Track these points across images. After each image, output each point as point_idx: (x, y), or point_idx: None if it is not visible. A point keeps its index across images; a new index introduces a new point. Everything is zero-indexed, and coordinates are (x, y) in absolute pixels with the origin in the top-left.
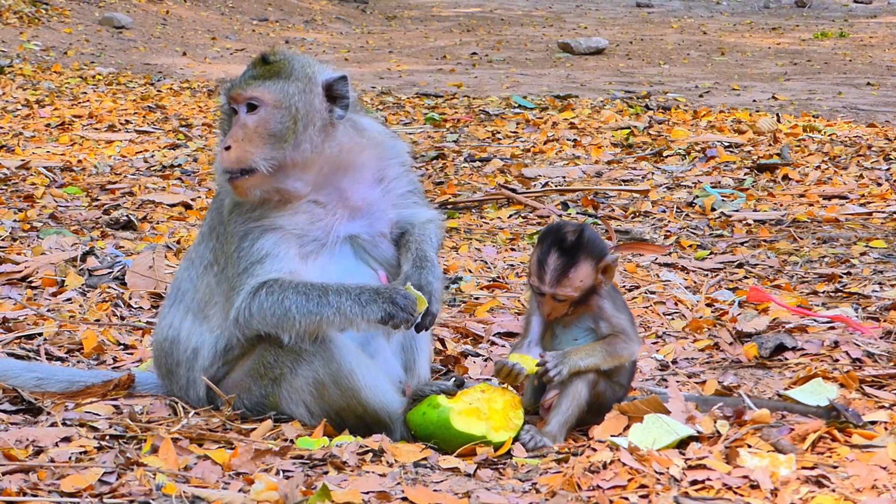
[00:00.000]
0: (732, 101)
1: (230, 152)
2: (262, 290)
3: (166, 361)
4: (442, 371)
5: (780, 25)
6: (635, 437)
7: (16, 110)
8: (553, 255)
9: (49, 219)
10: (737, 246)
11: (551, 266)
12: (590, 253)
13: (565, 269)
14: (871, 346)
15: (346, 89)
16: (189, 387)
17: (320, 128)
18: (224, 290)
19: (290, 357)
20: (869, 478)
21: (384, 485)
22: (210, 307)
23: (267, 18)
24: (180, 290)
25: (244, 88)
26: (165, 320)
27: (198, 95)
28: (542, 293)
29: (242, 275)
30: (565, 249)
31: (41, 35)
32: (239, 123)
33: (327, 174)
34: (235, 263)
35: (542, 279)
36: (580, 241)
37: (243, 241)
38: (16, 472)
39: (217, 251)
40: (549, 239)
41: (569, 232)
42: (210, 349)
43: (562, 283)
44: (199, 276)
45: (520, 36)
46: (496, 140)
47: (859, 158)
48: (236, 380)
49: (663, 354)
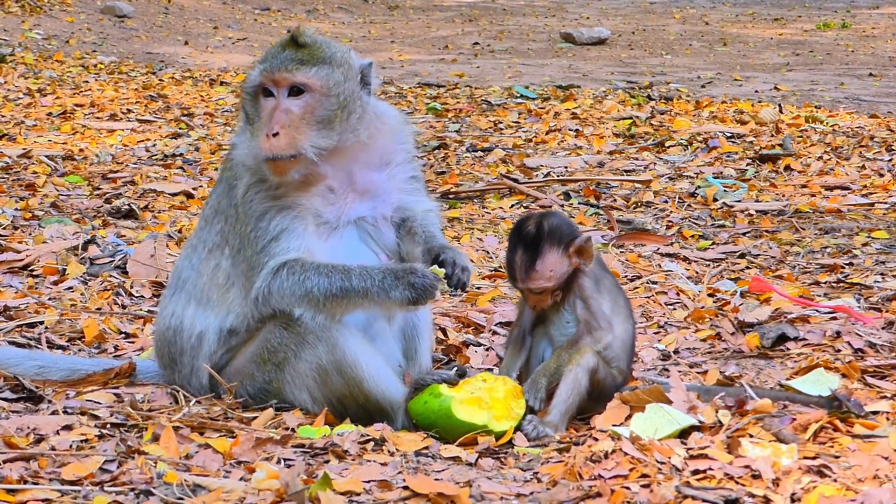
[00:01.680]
0: (735, 91)
1: (279, 139)
2: (284, 269)
3: (169, 351)
4: (443, 360)
5: (782, 16)
6: (637, 426)
7: (17, 99)
8: (518, 251)
9: (50, 207)
10: (739, 236)
11: (518, 262)
12: (553, 240)
13: (532, 262)
14: (872, 336)
15: (372, 75)
16: (192, 375)
17: (360, 115)
18: (242, 271)
19: (295, 341)
20: (871, 467)
21: (385, 473)
22: (217, 290)
23: (269, 8)
24: (181, 279)
25: (290, 72)
26: (167, 309)
27: (199, 85)
28: (520, 289)
29: (261, 254)
30: (528, 243)
31: (43, 24)
32: (282, 108)
33: (344, 157)
34: (253, 243)
35: (514, 276)
36: (541, 232)
37: (260, 221)
38: (17, 460)
39: (227, 233)
40: (512, 237)
41: (530, 225)
42: (215, 333)
43: (532, 277)
44: (202, 261)
45: (522, 26)
46: (498, 130)
47: (861, 149)
48: (239, 367)
49: (665, 344)
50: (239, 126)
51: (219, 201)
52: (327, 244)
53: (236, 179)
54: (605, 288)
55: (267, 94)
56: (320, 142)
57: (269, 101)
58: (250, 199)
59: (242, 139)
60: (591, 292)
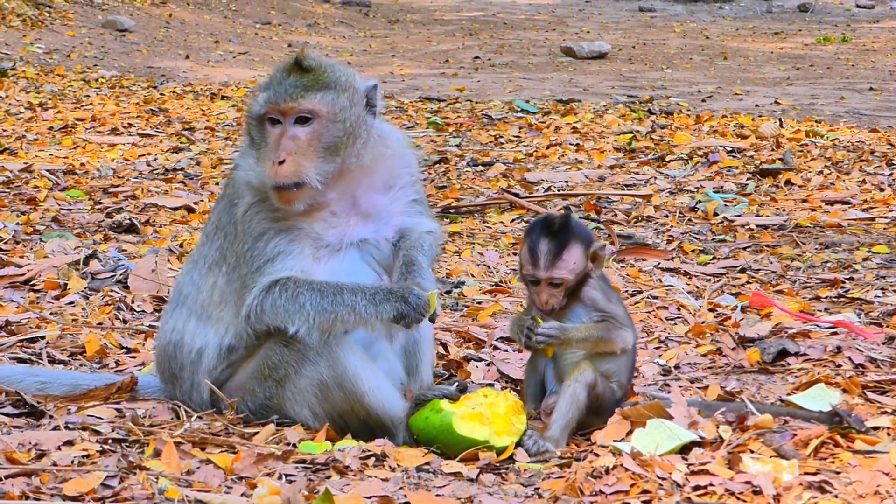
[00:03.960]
0: (735, 105)
1: (284, 166)
2: (276, 287)
3: (170, 366)
4: (444, 375)
5: (782, 30)
6: (638, 441)
7: (19, 113)
8: (544, 240)
9: (52, 222)
10: (739, 251)
11: (544, 251)
12: (578, 236)
13: (558, 251)
14: (873, 351)
15: (377, 97)
16: (193, 390)
17: (365, 139)
18: (235, 289)
19: (296, 357)
20: (871, 483)
21: (387, 489)
22: (215, 307)
23: (270, 22)
24: (182, 294)
25: (297, 101)
26: (168, 324)
27: (201, 99)
28: (538, 280)
29: (255, 273)
30: (555, 233)
31: (44, 38)
32: (289, 135)
33: (348, 182)
34: (249, 262)
35: (537, 265)
36: (568, 225)
37: (258, 241)
38: (18, 476)
39: (225, 250)
40: (537, 228)
41: (555, 219)
42: (214, 349)
43: (556, 266)
44: (202, 277)
45: (522, 40)
46: (499, 144)
47: (862, 163)
48: (240, 382)
49: (666, 359)
50: (242, 146)
51: (220, 218)
52: (328, 266)
53: (238, 198)
54: (615, 300)
55: (273, 122)
56: (325, 168)
57: (275, 127)
58: (250, 219)
59: (247, 161)
60: (605, 303)
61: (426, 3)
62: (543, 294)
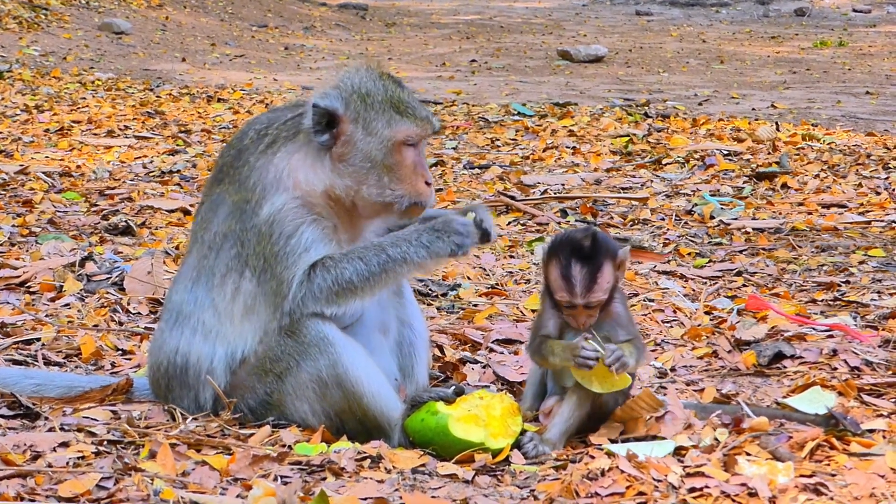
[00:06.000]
0: (731, 109)
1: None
2: (316, 270)
3: (170, 385)
4: (440, 378)
5: (779, 34)
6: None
7: (15, 115)
8: (576, 265)
9: (48, 224)
10: (735, 254)
11: (578, 277)
12: (607, 253)
13: (593, 275)
14: (869, 354)
15: None
16: (194, 405)
17: None
18: (271, 288)
19: (297, 350)
20: (867, 486)
21: (382, 491)
22: (234, 316)
23: (266, 25)
24: (182, 313)
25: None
26: (168, 345)
27: (197, 101)
28: (574, 305)
29: (292, 267)
30: (586, 257)
31: (40, 40)
32: (424, 159)
33: None
34: (283, 259)
35: (573, 292)
36: (597, 245)
37: (291, 238)
38: (13, 477)
39: (246, 256)
40: (565, 251)
41: (583, 239)
42: (225, 362)
43: (593, 291)
44: (212, 289)
45: (519, 43)
46: (495, 147)
47: (858, 167)
48: (239, 381)
49: (662, 362)
50: (285, 147)
51: (228, 226)
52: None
53: (262, 200)
54: (629, 315)
55: (409, 146)
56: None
57: (411, 150)
58: (282, 219)
59: (307, 164)
60: (627, 320)
61: (423, 6)
62: (582, 317)
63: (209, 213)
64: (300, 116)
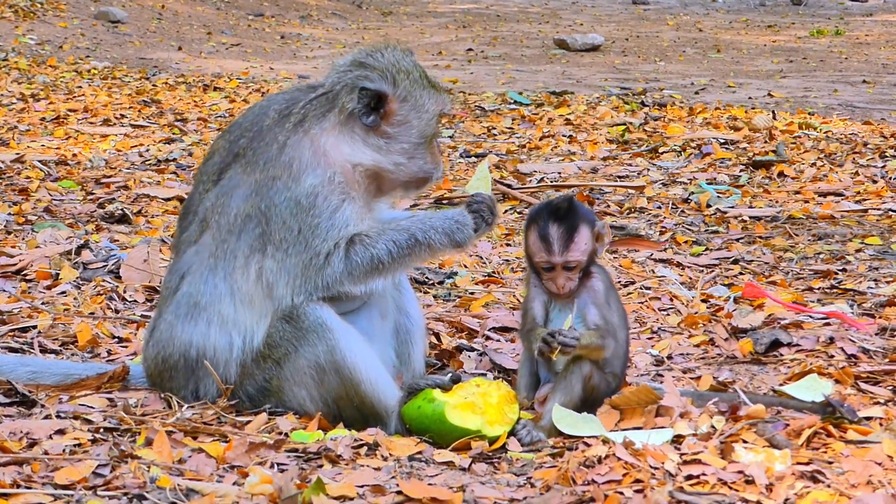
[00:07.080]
0: (728, 98)
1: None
2: (355, 245)
3: (171, 374)
4: (437, 365)
5: (775, 23)
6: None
7: (11, 104)
8: (553, 225)
9: (44, 212)
10: (732, 242)
11: (555, 236)
12: (584, 217)
13: (570, 234)
14: (866, 342)
15: None
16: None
17: None
18: (301, 261)
19: (296, 335)
20: (864, 473)
21: (379, 478)
22: (257, 297)
23: (263, 13)
24: (198, 305)
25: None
26: (181, 338)
27: (193, 90)
28: (552, 266)
29: (330, 241)
30: (562, 217)
31: (36, 29)
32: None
33: None
34: (322, 233)
35: (550, 251)
36: (573, 208)
37: (336, 212)
38: (9, 465)
39: (271, 233)
40: (543, 214)
41: (561, 202)
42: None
43: (570, 249)
44: (233, 272)
45: (516, 32)
46: (492, 136)
47: (855, 156)
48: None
49: (658, 350)
50: (319, 125)
51: (251, 205)
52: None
53: (301, 174)
54: (614, 298)
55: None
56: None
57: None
58: (328, 192)
59: (346, 141)
60: (605, 299)
61: None
62: (560, 279)
63: (222, 198)
64: (326, 97)
